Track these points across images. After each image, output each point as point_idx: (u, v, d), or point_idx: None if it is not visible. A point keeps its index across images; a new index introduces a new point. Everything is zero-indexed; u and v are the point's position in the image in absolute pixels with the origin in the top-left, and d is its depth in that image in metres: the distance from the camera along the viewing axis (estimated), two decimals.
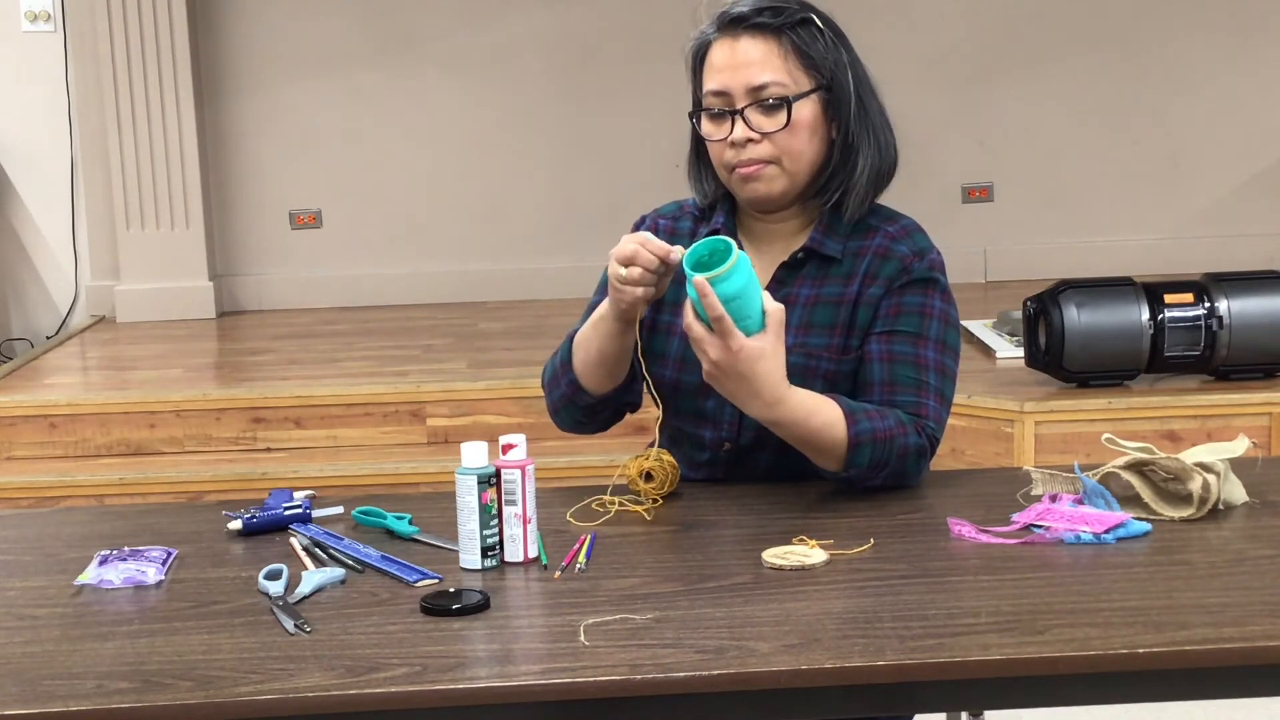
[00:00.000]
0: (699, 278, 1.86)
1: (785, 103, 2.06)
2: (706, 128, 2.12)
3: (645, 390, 2.20)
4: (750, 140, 2.07)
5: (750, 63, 2.07)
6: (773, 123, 2.07)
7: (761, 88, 2.06)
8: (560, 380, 2.17)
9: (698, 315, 1.90)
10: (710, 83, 2.10)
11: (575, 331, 2.16)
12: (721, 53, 2.09)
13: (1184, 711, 3.18)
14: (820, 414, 1.98)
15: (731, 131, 2.08)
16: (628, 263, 1.97)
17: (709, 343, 1.90)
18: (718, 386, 1.94)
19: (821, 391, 2.01)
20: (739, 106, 2.07)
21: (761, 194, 2.11)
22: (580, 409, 2.18)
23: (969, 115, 6.00)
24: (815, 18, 2.10)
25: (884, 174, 2.15)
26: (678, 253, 1.95)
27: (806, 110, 2.08)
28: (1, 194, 5.95)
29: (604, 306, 2.06)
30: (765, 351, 1.90)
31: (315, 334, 5.51)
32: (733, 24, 2.09)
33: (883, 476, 2.02)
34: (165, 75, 5.70)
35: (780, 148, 2.08)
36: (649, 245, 1.96)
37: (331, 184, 6.02)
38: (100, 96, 5.77)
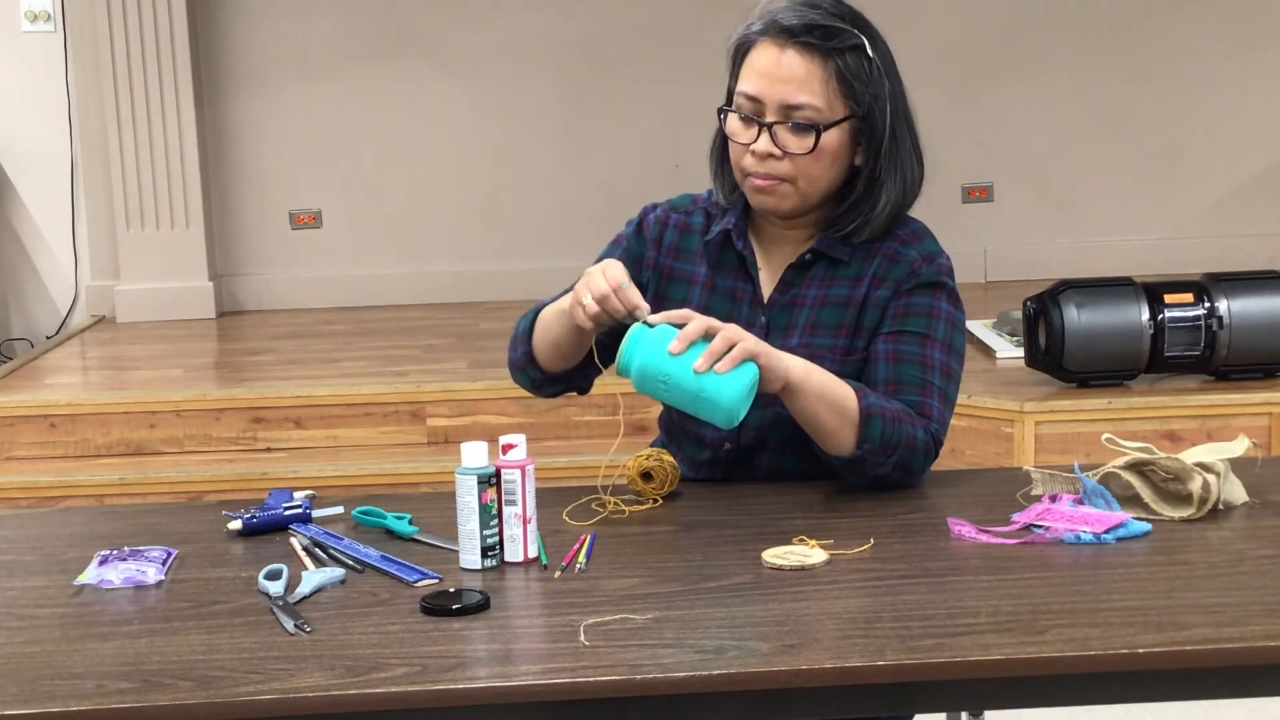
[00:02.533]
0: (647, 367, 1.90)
1: (816, 129, 2.03)
2: (733, 125, 2.09)
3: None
4: (771, 155, 2.05)
5: (791, 79, 2.03)
6: (799, 145, 2.04)
7: (796, 108, 2.03)
8: (518, 346, 2.22)
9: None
10: (746, 84, 2.07)
11: (549, 302, 2.17)
12: (764, 58, 2.05)
13: (1184, 711, 3.18)
14: (836, 381, 2.00)
15: (756, 140, 2.06)
16: (598, 299, 1.95)
17: (719, 328, 1.91)
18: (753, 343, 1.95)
19: None
20: (769, 120, 2.04)
21: (770, 207, 2.11)
22: (530, 378, 2.22)
23: (969, 115, 5.99)
24: (868, 46, 2.05)
25: (903, 208, 2.14)
26: (643, 311, 1.94)
27: (834, 138, 2.05)
28: (1, 194, 5.95)
29: (568, 302, 2.05)
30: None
31: (315, 334, 5.51)
32: (784, 33, 2.04)
33: (892, 463, 2.01)
34: (165, 75, 5.70)
35: (799, 169, 2.06)
36: (621, 295, 1.94)
37: (331, 184, 6.01)
38: (100, 96, 5.77)
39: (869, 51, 2.05)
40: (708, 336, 1.90)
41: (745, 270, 2.16)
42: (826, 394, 1.98)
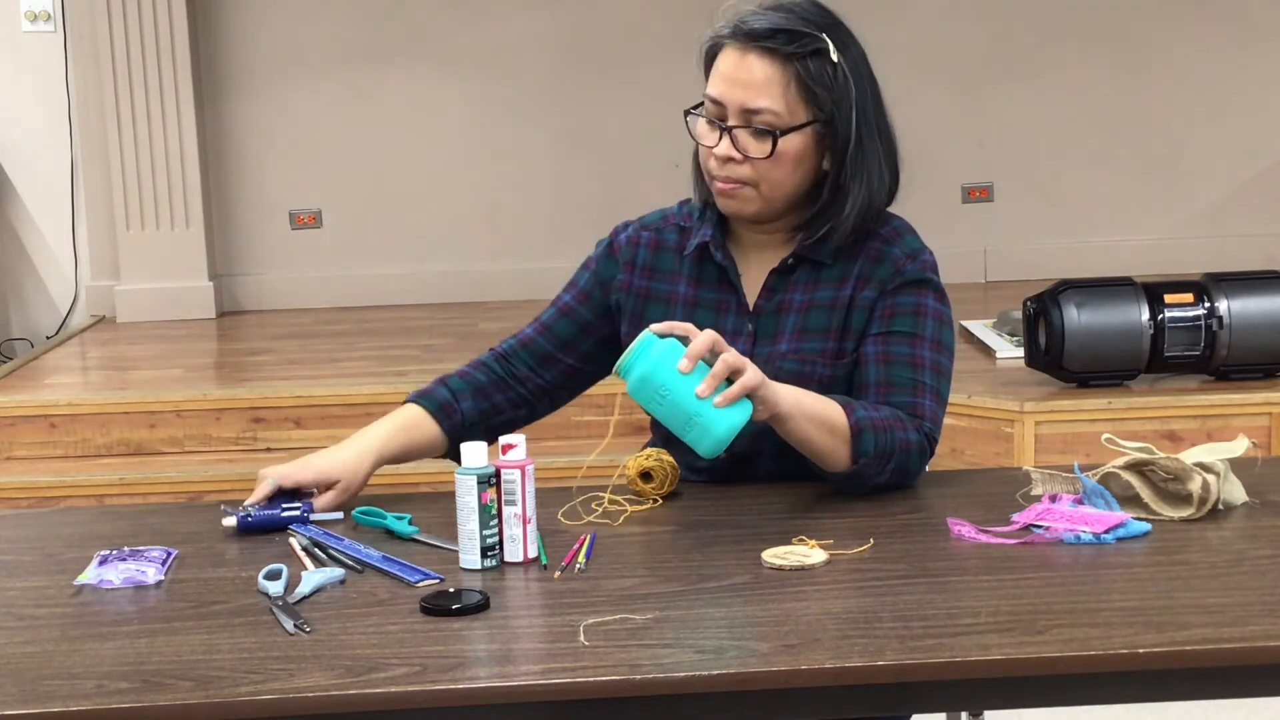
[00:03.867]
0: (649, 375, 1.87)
1: (773, 134, 2.03)
2: (700, 128, 2.10)
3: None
4: (732, 159, 2.05)
5: (751, 83, 2.03)
6: (759, 149, 2.04)
7: (755, 112, 2.03)
8: None
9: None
10: (711, 87, 2.07)
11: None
12: (728, 61, 2.05)
13: (1184, 711, 3.18)
14: (823, 401, 1.99)
15: (718, 143, 2.06)
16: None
17: (724, 348, 1.89)
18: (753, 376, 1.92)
19: None
20: (729, 124, 2.05)
21: (734, 211, 2.11)
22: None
23: (969, 115, 6.00)
24: (833, 50, 2.04)
25: (871, 216, 2.10)
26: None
27: (795, 142, 2.04)
28: (1, 194, 5.95)
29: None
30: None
31: (315, 334, 5.51)
32: (746, 37, 2.04)
33: (889, 471, 2.01)
34: (165, 75, 5.70)
35: (760, 173, 2.05)
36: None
37: (331, 184, 6.01)
38: (100, 96, 5.77)
39: (833, 56, 2.03)
40: (712, 354, 1.89)
41: (728, 280, 2.15)
42: (816, 417, 1.97)
